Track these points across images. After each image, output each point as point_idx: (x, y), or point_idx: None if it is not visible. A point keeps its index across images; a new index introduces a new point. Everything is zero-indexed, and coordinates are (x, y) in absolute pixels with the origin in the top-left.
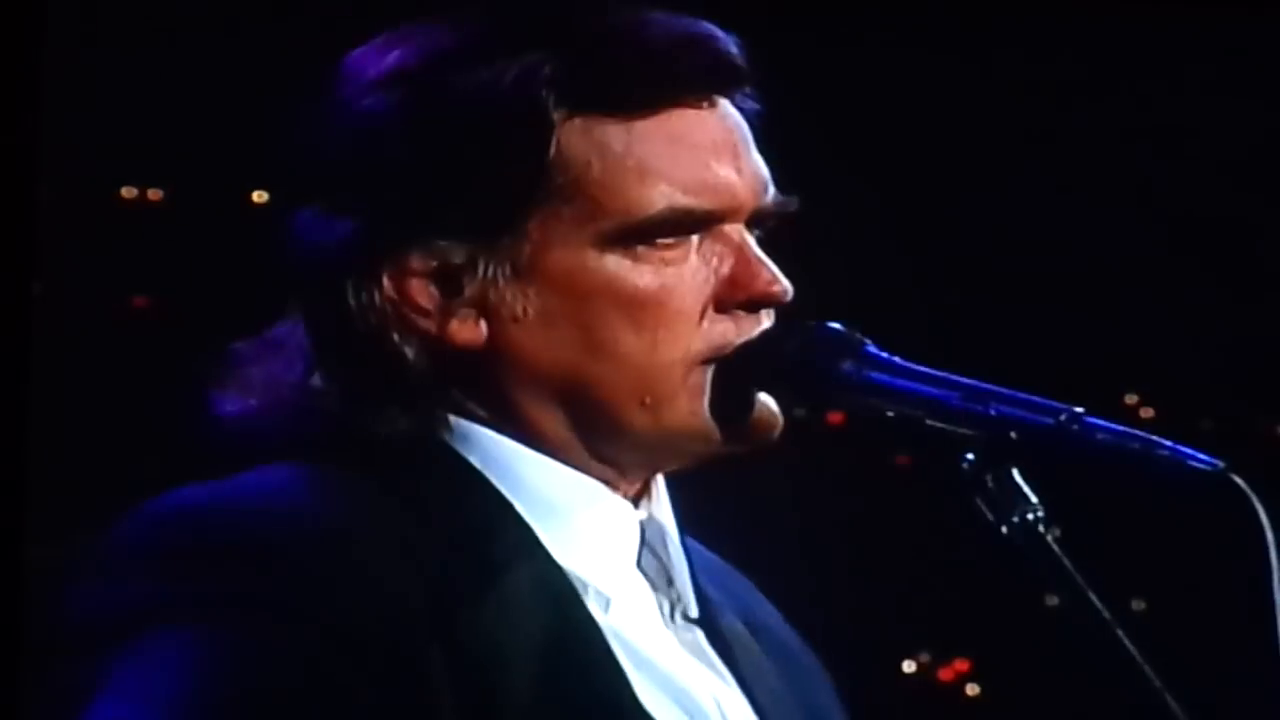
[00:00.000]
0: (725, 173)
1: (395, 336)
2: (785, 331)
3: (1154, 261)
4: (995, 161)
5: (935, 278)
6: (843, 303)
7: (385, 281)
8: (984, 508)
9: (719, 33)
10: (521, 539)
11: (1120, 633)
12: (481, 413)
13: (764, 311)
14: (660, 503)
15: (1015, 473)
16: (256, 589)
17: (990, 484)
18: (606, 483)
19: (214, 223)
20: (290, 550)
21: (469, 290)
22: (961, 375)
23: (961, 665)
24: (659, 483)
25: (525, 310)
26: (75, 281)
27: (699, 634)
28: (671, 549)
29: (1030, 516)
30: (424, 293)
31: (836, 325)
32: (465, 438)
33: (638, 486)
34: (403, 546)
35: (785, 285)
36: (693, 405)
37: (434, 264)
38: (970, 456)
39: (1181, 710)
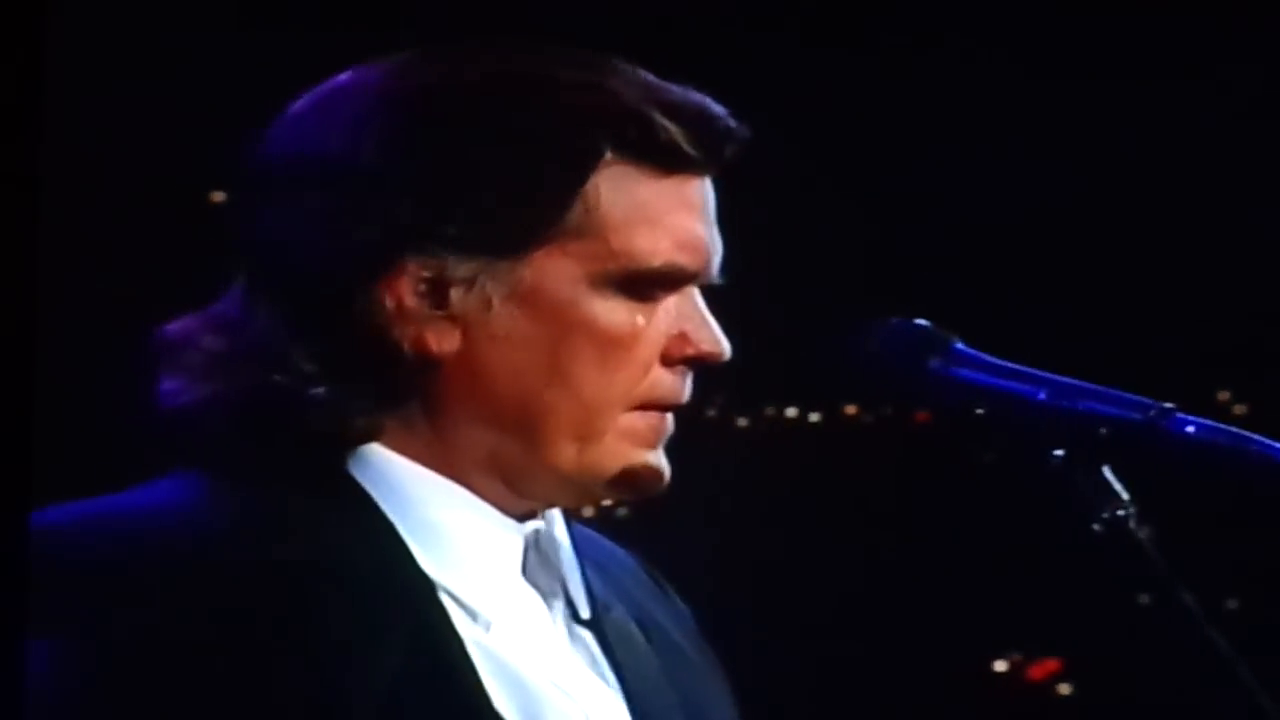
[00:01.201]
0: (707, 237)
1: (375, 336)
2: (872, 327)
3: (1247, 256)
4: (1085, 159)
5: (1024, 273)
6: (928, 304)
7: (378, 283)
8: (1074, 505)
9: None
10: (397, 560)
11: (1213, 632)
12: (405, 424)
13: (691, 370)
14: (552, 519)
15: (1105, 469)
16: (92, 613)
17: (1080, 481)
18: (500, 506)
19: None
20: (135, 576)
21: (455, 303)
22: (1051, 373)
23: (1053, 664)
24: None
25: (506, 331)
26: (165, 286)
27: (589, 637)
28: (564, 558)
29: (1121, 514)
30: (411, 298)
31: (923, 321)
32: (361, 459)
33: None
34: (263, 572)
35: (726, 347)
36: (618, 448)
37: (427, 274)
38: (1059, 453)
39: (1277, 711)
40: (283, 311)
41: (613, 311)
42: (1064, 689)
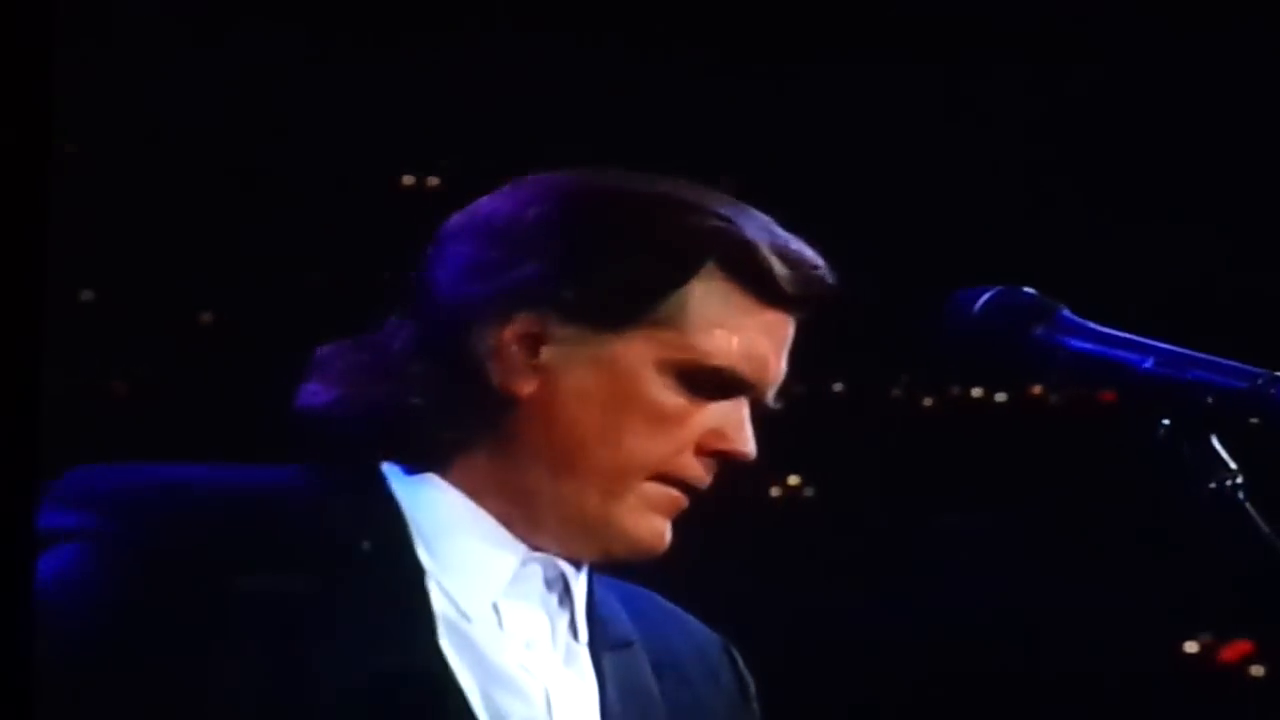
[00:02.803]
0: (775, 364)
1: (476, 368)
2: (973, 295)
3: None
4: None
5: (1147, 249)
6: (1057, 273)
7: (492, 326)
8: (1182, 474)
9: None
10: (396, 546)
11: None
12: (463, 446)
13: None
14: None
15: (1213, 439)
16: (135, 535)
17: (1187, 450)
18: (512, 533)
19: None
20: (185, 517)
21: (544, 356)
22: (1160, 341)
23: (1244, 646)
24: None
25: (577, 388)
26: (354, 270)
27: (586, 656)
28: (572, 583)
29: (1229, 483)
30: (513, 345)
31: (1029, 290)
32: (397, 470)
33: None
34: (275, 538)
35: (753, 451)
36: (634, 507)
37: (533, 329)
38: (1166, 422)
39: None
40: (416, 336)
41: (668, 395)
42: (1257, 670)
